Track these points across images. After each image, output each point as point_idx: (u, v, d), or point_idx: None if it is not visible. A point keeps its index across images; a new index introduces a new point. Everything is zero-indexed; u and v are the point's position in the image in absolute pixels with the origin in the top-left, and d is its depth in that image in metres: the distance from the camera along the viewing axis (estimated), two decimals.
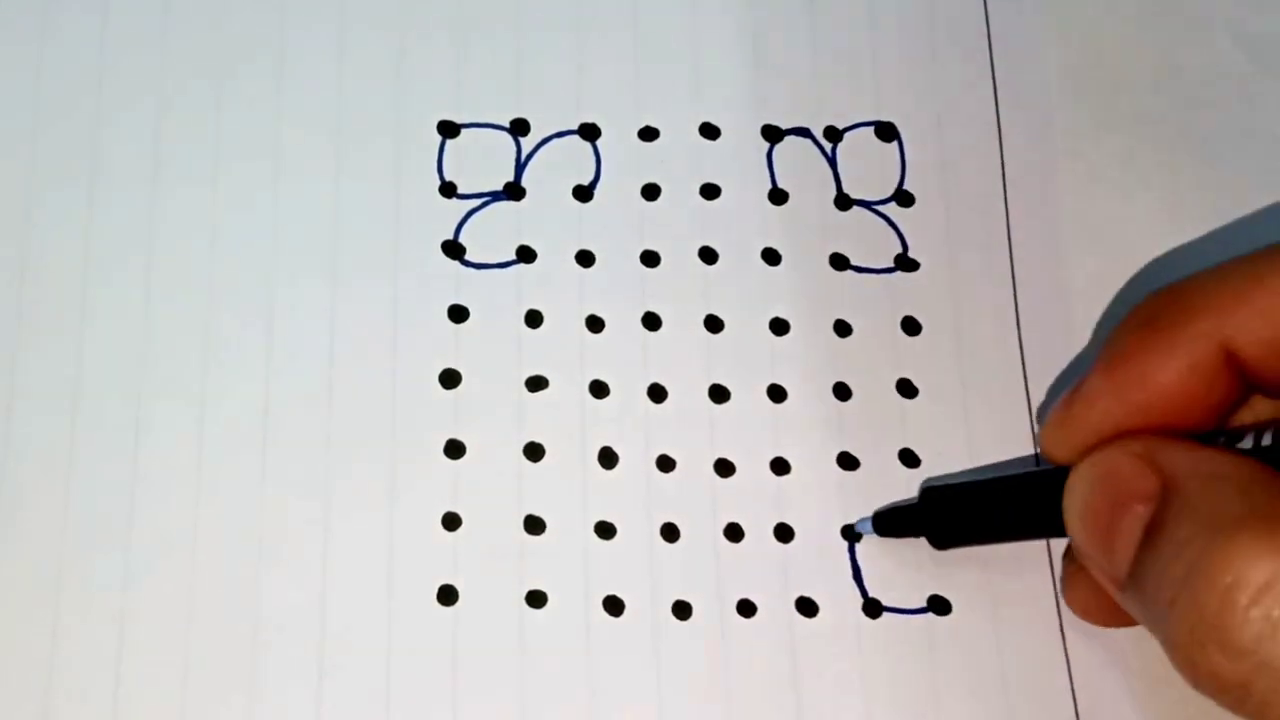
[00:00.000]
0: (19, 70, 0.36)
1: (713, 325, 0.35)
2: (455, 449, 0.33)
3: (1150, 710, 0.32)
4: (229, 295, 0.34)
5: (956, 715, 0.32)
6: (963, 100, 0.37)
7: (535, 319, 0.34)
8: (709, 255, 0.35)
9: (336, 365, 0.34)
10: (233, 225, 0.35)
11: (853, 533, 0.33)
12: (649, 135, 0.36)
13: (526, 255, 0.35)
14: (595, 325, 0.34)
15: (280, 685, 0.31)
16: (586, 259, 0.35)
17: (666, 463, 0.33)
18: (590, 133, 0.36)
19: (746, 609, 0.32)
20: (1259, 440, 0.26)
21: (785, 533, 0.33)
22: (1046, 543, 0.33)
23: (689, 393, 0.34)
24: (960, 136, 0.37)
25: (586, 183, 0.36)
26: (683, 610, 0.32)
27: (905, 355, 0.35)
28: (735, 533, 0.33)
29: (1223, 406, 0.28)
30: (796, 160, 0.36)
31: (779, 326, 0.35)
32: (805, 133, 0.36)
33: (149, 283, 0.34)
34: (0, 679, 0.31)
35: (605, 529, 0.33)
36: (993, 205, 0.36)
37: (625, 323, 0.34)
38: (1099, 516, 0.27)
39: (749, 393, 0.34)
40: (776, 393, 0.34)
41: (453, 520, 0.33)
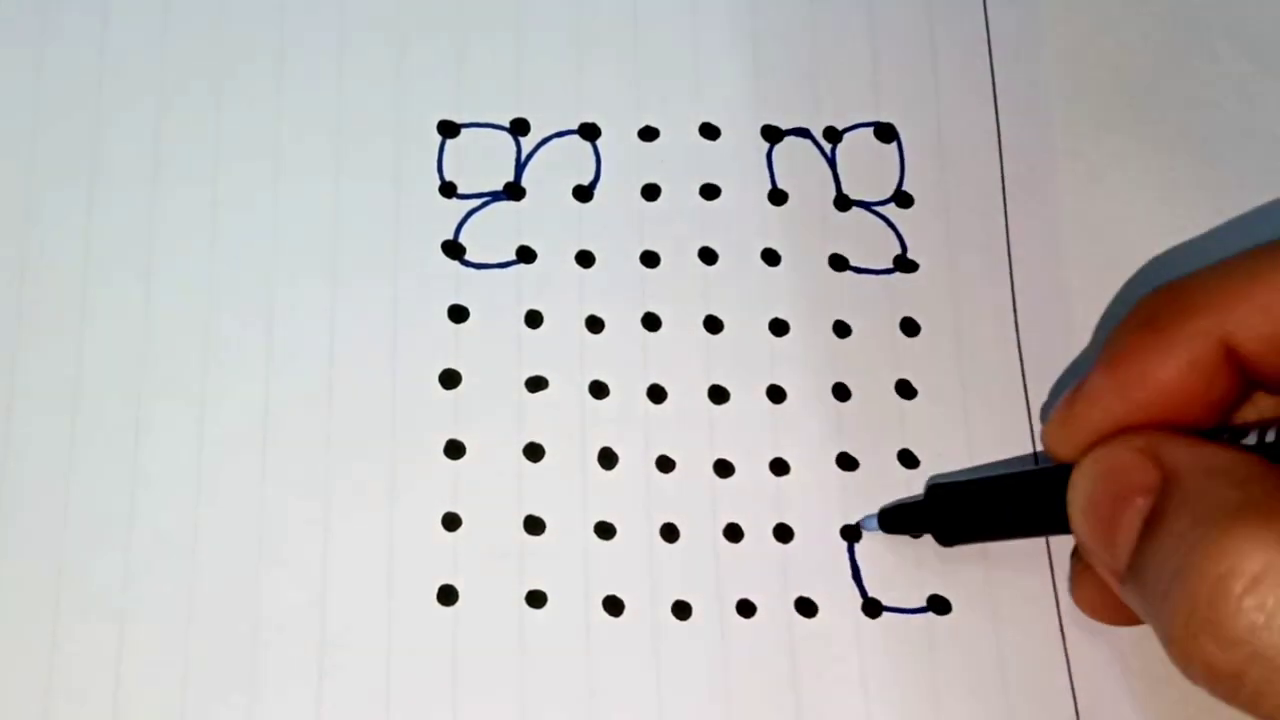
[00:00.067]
0: (19, 70, 0.36)
1: (712, 326, 0.35)
2: (455, 449, 0.33)
3: (1150, 710, 0.32)
4: (229, 295, 0.34)
5: (956, 715, 0.32)
6: (962, 100, 0.37)
7: (535, 319, 0.34)
8: (709, 256, 0.35)
9: (336, 365, 0.34)
10: (233, 225, 0.35)
11: (853, 532, 0.33)
12: (649, 135, 0.36)
13: (526, 255, 0.35)
14: (595, 325, 0.34)
15: (280, 685, 0.31)
16: (586, 259, 0.35)
17: (666, 463, 0.33)
18: (590, 133, 0.36)
19: (746, 609, 0.32)
20: (1263, 437, 0.26)
21: (785, 533, 0.33)
22: (1046, 542, 0.33)
23: (689, 393, 0.34)
24: (960, 137, 0.37)
25: (586, 183, 0.36)
26: (682, 610, 0.32)
27: (905, 356, 0.35)
28: (735, 533, 0.33)
29: (1224, 403, 0.28)
30: (796, 161, 0.36)
31: (778, 327, 0.35)
32: (805, 133, 0.36)
33: (149, 283, 0.34)
34: (0, 679, 0.31)
35: (605, 529, 0.33)
36: (992, 206, 0.36)
37: (625, 323, 0.34)
38: (1101, 510, 0.27)
39: (748, 393, 0.34)
40: (776, 393, 0.34)
41: (453, 520, 0.33)
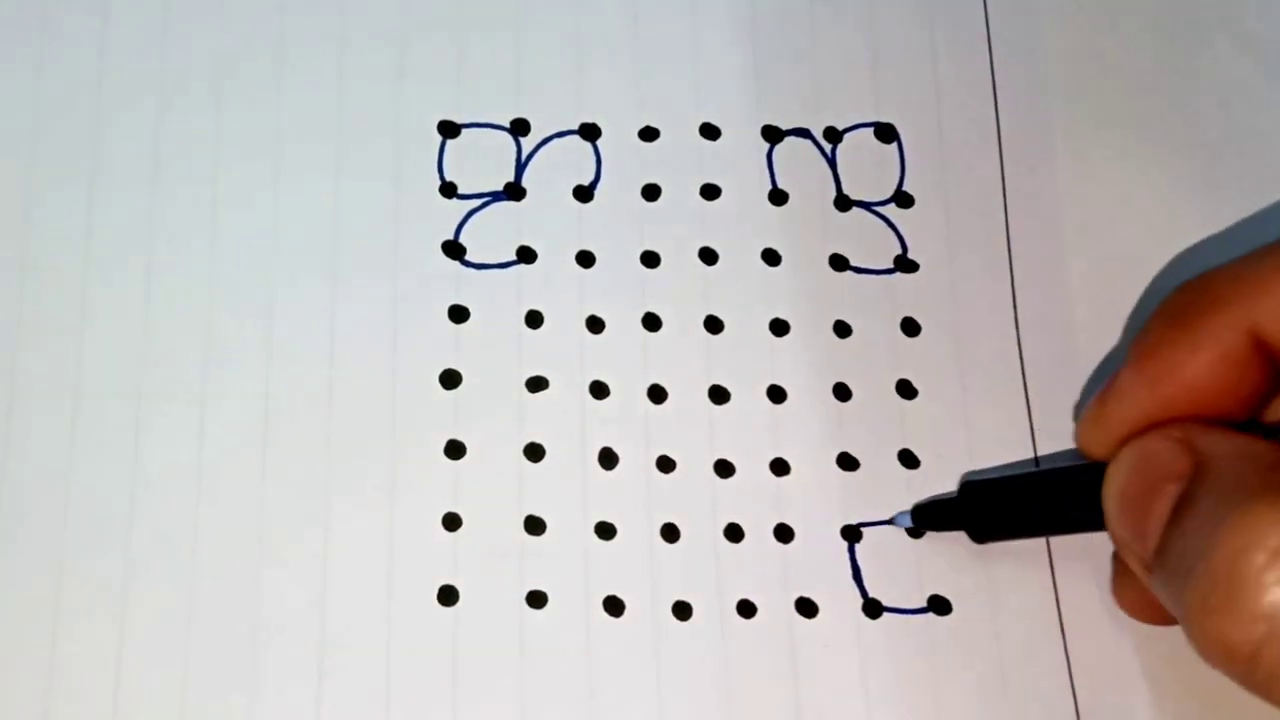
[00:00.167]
0: (19, 70, 0.36)
1: (713, 326, 0.35)
2: (455, 449, 0.33)
3: (1151, 710, 0.32)
4: (229, 295, 0.34)
5: (956, 715, 0.32)
6: (963, 101, 0.37)
7: (535, 319, 0.34)
8: (709, 256, 0.35)
9: (336, 365, 0.34)
10: (233, 225, 0.35)
11: (853, 533, 0.33)
12: (649, 135, 0.36)
13: (527, 255, 0.35)
14: (595, 326, 0.34)
15: (280, 685, 0.31)
16: (587, 259, 0.35)
17: (666, 463, 0.33)
18: (590, 133, 0.36)
19: (746, 609, 0.32)
20: None
21: (785, 533, 0.33)
22: (1046, 543, 0.33)
23: (689, 393, 0.34)
24: (960, 137, 0.36)
25: (587, 183, 0.36)
26: (683, 611, 0.32)
27: (905, 356, 0.35)
28: (735, 533, 0.33)
29: (1255, 396, 0.28)
30: (796, 161, 0.36)
31: (779, 327, 0.35)
32: (805, 133, 0.36)
33: (149, 283, 0.34)
34: (0, 679, 0.31)
35: (605, 529, 0.33)
36: (992, 206, 0.36)
37: (625, 323, 0.34)
38: (1134, 501, 0.27)
39: (749, 393, 0.34)
40: (776, 393, 0.34)
41: (453, 520, 0.33)
